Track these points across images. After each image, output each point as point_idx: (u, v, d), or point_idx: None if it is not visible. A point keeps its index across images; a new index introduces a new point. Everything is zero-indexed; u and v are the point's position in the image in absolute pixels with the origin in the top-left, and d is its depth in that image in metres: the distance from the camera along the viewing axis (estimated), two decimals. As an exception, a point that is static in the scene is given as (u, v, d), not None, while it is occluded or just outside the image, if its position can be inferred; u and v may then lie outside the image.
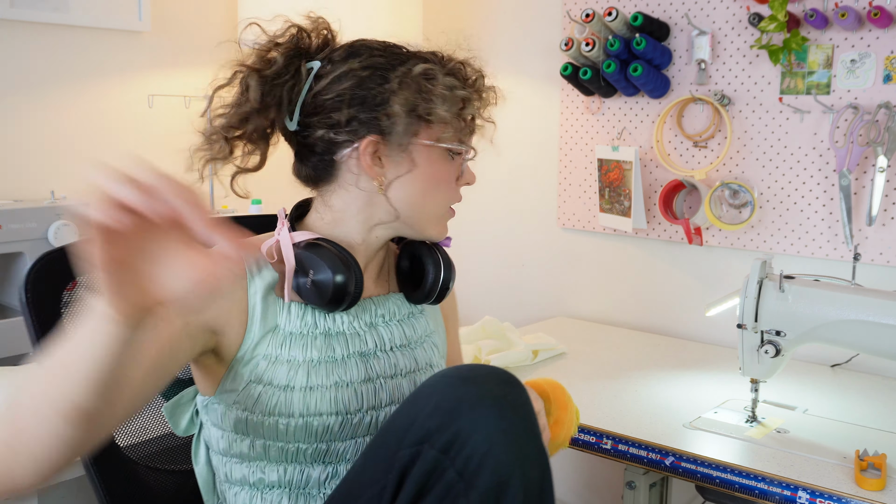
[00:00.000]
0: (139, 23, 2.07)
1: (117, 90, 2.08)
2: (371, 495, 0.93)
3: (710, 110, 1.93)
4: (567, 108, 2.16)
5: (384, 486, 0.92)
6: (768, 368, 1.40)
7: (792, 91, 1.82)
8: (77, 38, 2.00)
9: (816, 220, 1.82)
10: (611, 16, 1.89)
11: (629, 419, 1.46)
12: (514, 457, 0.88)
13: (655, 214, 2.03)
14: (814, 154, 1.81)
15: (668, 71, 1.97)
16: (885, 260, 1.75)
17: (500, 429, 0.88)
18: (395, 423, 0.94)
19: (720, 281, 1.97)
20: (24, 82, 1.93)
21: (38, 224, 1.75)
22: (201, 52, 2.21)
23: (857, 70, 1.73)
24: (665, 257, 2.07)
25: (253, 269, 1.07)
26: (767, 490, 1.25)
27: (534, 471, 0.90)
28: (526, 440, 0.90)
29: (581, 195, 2.16)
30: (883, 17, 1.65)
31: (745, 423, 1.44)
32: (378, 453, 0.95)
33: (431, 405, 0.90)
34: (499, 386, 0.91)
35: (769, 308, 1.36)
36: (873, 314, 1.29)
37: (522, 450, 0.89)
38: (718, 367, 1.77)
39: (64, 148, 2.01)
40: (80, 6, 1.96)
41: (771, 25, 1.75)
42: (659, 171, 2.02)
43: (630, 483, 1.48)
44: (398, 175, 1.10)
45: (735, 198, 1.89)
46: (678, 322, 2.05)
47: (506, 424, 0.88)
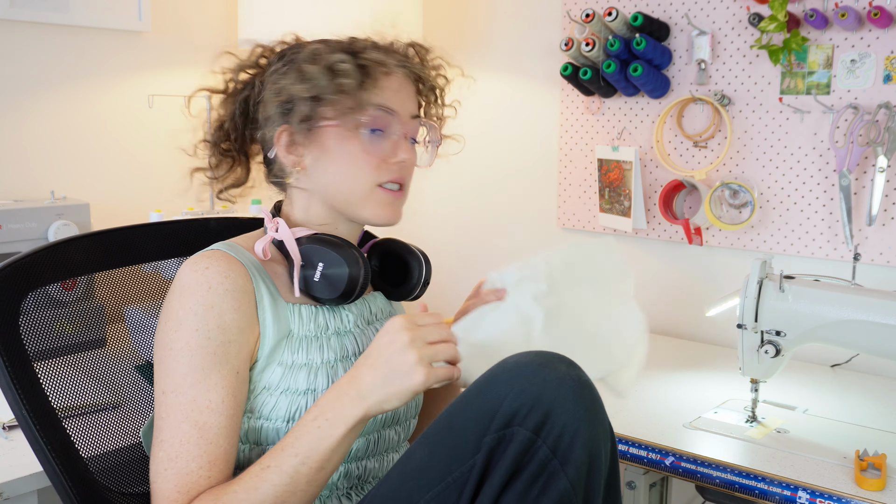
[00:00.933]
0: (139, 23, 2.07)
1: (117, 90, 2.08)
2: (449, 483, 0.94)
3: (710, 110, 1.93)
4: (567, 108, 2.15)
5: (468, 472, 0.93)
6: (768, 368, 1.40)
7: (792, 91, 1.82)
8: (77, 38, 2.00)
9: (816, 220, 1.82)
10: (611, 16, 1.89)
11: (629, 419, 1.46)
12: (599, 432, 0.95)
13: (655, 214, 2.03)
14: (814, 154, 1.81)
15: (668, 71, 1.97)
16: (885, 260, 1.74)
17: (584, 407, 0.93)
18: (470, 411, 0.95)
19: (720, 281, 1.97)
20: (24, 82, 1.93)
21: (38, 224, 1.75)
22: (201, 52, 2.21)
23: (857, 70, 1.73)
24: (665, 257, 2.06)
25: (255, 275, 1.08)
26: (767, 490, 1.25)
27: (610, 443, 0.99)
28: (602, 416, 0.97)
29: (581, 195, 2.16)
30: (883, 17, 1.65)
31: (745, 423, 1.44)
32: (451, 441, 0.95)
33: (516, 390, 0.93)
34: (570, 369, 0.96)
35: (769, 308, 1.36)
36: (873, 314, 1.29)
37: (602, 424, 0.96)
38: (718, 367, 1.77)
39: (64, 148, 2.01)
40: (80, 6, 1.96)
41: (771, 25, 1.75)
42: (659, 171, 2.02)
43: (630, 483, 1.48)
44: (315, 160, 1.12)
45: (735, 198, 1.89)
46: (678, 322, 2.05)
47: (587, 403, 0.94)
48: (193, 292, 1.01)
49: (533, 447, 0.92)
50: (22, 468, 1.26)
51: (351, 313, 1.15)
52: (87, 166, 2.05)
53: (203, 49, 2.21)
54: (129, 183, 2.12)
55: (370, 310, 1.19)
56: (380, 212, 1.12)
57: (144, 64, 2.12)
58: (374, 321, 1.19)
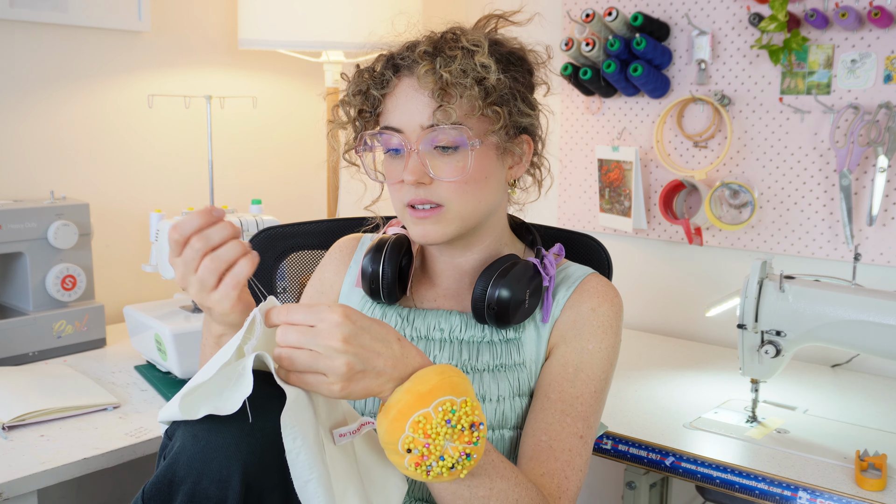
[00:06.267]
0: (139, 23, 2.06)
1: (117, 90, 2.08)
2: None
3: (711, 110, 1.93)
4: (567, 108, 2.15)
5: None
6: (768, 368, 1.40)
7: (792, 91, 1.82)
8: (77, 38, 2.00)
9: (817, 221, 1.82)
10: (611, 16, 1.88)
11: (629, 419, 1.46)
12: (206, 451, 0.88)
13: (655, 214, 2.03)
14: (814, 154, 1.81)
15: (669, 71, 1.97)
16: (885, 260, 1.74)
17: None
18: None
19: (720, 281, 1.97)
20: (24, 82, 1.93)
21: (38, 224, 1.75)
22: (201, 52, 2.21)
23: (858, 70, 1.73)
24: (665, 257, 2.06)
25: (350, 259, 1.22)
26: (767, 490, 1.25)
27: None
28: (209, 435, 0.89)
29: (581, 195, 2.16)
30: (883, 17, 1.65)
31: (746, 424, 1.44)
32: None
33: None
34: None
35: (769, 308, 1.36)
36: (873, 314, 1.29)
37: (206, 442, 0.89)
38: (718, 367, 1.77)
39: (64, 148, 2.01)
40: (80, 6, 1.96)
41: (771, 25, 1.75)
42: (659, 171, 2.02)
43: (630, 483, 1.48)
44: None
45: (735, 198, 1.89)
46: (678, 322, 2.05)
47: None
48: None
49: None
50: (22, 468, 1.26)
51: (406, 323, 1.14)
52: (86, 166, 2.05)
53: (203, 49, 2.21)
54: (129, 183, 2.12)
55: (435, 325, 1.13)
56: (413, 230, 1.07)
57: (144, 64, 2.12)
58: (436, 338, 1.12)
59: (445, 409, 0.83)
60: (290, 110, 2.45)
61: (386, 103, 1.07)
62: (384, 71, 1.06)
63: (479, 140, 1.04)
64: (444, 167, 1.03)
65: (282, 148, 2.46)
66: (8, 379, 1.56)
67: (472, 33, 1.06)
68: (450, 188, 1.04)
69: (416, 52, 1.04)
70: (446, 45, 1.03)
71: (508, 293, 1.05)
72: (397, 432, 0.83)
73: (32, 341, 1.74)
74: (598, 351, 1.08)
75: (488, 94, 1.02)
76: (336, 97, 2.20)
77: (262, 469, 0.82)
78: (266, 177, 2.43)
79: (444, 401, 0.83)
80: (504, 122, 1.04)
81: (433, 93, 1.01)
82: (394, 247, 1.14)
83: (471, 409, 0.84)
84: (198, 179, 2.24)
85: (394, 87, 1.06)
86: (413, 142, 1.03)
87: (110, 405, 1.50)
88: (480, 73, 1.01)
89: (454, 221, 1.05)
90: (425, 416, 0.82)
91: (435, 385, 0.83)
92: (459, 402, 0.83)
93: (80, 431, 1.40)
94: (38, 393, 1.49)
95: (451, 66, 1.00)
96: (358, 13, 1.97)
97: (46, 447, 1.34)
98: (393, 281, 1.13)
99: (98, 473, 1.42)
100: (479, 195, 1.06)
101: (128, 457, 1.37)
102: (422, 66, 1.01)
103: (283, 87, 2.42)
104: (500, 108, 1.04)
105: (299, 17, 1.97)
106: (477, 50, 1.02)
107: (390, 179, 1.07)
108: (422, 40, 1.06)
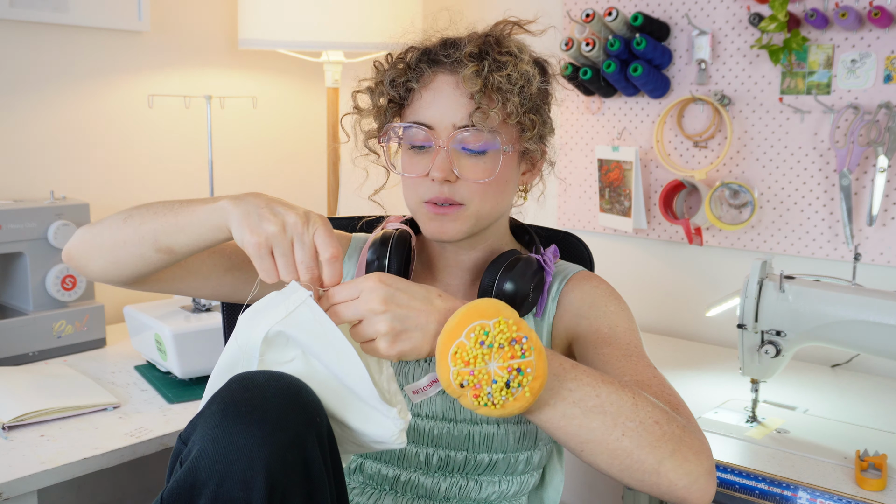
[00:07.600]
0: (139, 23, 2.06)
1: (117, 90, 2.08)
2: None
3: (711, 110, 1.93)
4: (567, 108, 2.15)
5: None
6: (768, 368, 1.40)
7: (792, 91, 1.82)
8: (77, 38, 2.00)
9: (817, 220, 1.82)
10: (611, 16, 1.88)
11: (629, 419, 1.46)
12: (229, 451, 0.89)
13: (655, 214, 2.03)
14: (814, 154, 1.81)
15: (669, 71, 1.97)
16: (885, 260, 1.74)
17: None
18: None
19: (720, 281, 1.97)
20: (24, 82, 1.93)
21: (38, 224, 1.75)
22: (201, 52, 2.21)
23: (858, 70, 1.73)
24: (665, 257, 2.06)
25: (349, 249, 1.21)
26: (767, 490, 1.25)
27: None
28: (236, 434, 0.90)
29: (581, 195, 2.16)
30: (883, 17, 1.65)
31: (746, 424, 1.44)
32: None
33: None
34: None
35: (769, 308, 1.36)
36: (873, 314, 1.29)
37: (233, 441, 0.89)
38: (718, 367, 1.77)
39: (64, 148, 2.01)
40: (80, 6, 1.96)
41: (771, 25, 1.75)
42: (659, 171, 2.02)
43: (630, 483, 1.48)
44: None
45: (735, 198, 1.89)
46: (678, 322, 2.05)
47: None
48: None
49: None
50: (22, 468, 1.26)
51: None
52: (86, 166, 2.05)
53: (203, 49, 2.21)
54: (129, 183, 2.12)
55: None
56: (427, 227, 1.09)
57: (144, 64, 2.12)
58: None
59: (477, 333, 0.84)
60: (290, 110, 2.45)
61: (418, 97, 1.07)
62: (420, 65, 1.06)
63: (511, 146, 1.06)
64: (471, 168, 1.05)
65: (282, 148, 2.46)
66: (8, 379, 1.56)
67: (509, 39, 1.08)
68: (472, 188, 1.05)
69: (461, 52, 1.04)
70: (492, 49, 1.05)
71: (514, 286, 1.07)
72: (445, 371, 0.84)
73: (32, 341, 1.74)
74: (620, 311, 1.10)
75: (526, 101, 1.04)
76: (336, 96, 2.20)
77: (285, 469, 0.82)
78: (266, 177, 2.43)
79: (474, 326, 0.84)
80: (538, 130, 1.07)
81: (474, 95, 1.02)
82: (399, 241, 1.14)
83: (506, 327, 0.84)
84: (198, 179, 2.24)
85: (428, 82, 1.06)
86: (444, 139, 1.04)
87: (110, 405, 1.50)
88: (522, 81, 1.03)
89: (470, 220, 1.07)
90: (459, 346, 0.84)
91: (462, 315, 0.85)
92: (492, 324, 0.84)
93: (80, 431, 1.40)
94: (38, 393, 1.49)
95: (499, 71, 1.02)
96: (358, 13, 1.97)
97: (46, 447, 1.34)
98: (398, 273, 1.13)
99: (98, 473, 1.42)
100: (499, 198, 1.09)
101: (128, 457, 1.37)
102: (469, 67, 1.02)
103: (283, 87, 2.42)
104: (535, 116, 1.06)
105: (299, 17, 1.97)
106: (523, 57, 1.05)
107: (411, 173, 1.08)
108: (464, 39, 1.07)
